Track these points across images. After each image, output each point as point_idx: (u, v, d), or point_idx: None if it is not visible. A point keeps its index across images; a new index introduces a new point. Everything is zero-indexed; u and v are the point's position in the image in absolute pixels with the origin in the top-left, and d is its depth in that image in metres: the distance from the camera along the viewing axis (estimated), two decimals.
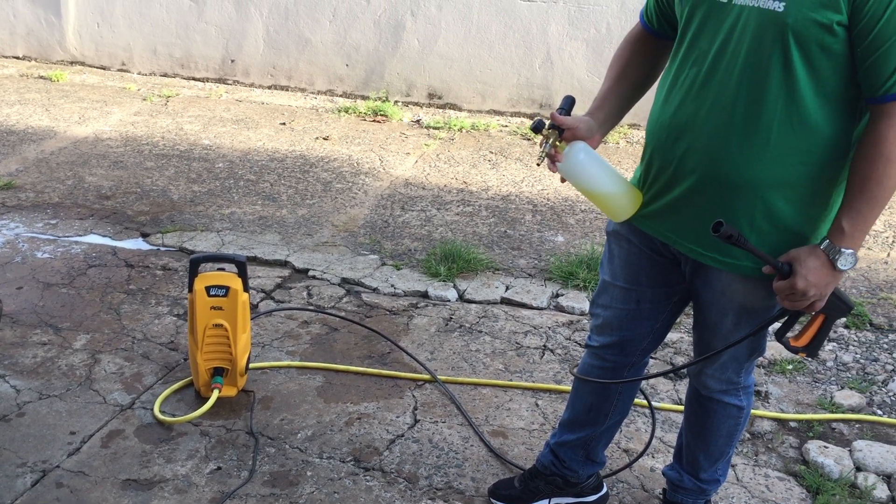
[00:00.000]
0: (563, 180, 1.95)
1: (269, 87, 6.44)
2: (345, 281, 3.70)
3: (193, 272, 2.77)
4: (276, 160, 5.04)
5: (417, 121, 5.84)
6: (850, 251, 1.68)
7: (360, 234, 4.16)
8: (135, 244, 3.96)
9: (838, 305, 1.80)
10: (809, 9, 1.58)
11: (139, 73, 6.68)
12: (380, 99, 6.14)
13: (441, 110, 6.07)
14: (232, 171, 4.86)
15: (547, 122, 1.89)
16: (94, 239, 3.98)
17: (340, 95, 6.34)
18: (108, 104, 5.91)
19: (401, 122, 5.81)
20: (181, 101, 6.04)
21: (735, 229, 1.71)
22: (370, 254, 3.96)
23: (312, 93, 6.38)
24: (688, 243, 1.88)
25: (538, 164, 1.90)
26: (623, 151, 5.41)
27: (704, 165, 1.77)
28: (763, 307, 1.89)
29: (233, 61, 6.49)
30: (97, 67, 6.75)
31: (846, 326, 3.44)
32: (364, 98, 6.23)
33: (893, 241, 4.25)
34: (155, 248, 3.94)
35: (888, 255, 4.10)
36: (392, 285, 3.67)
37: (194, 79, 6.57)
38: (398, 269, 3.81)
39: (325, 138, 5.45)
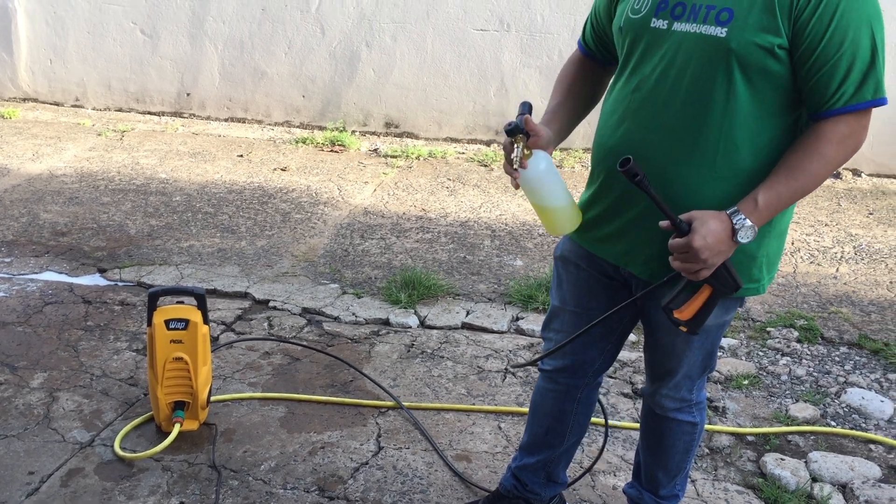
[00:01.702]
0: (516, 187, 1.94)
1: (226, 120, 6.44)
2: (306, 311, 3.70)
3: (152, 306, 2.76)
4: (234, 192, 5.03)
5: (375, 150, 5.88)
6: (752, 226, 1.69)
7: (320, 263, 4.17)
8: (92, 280, 3.93)
9: (727, 280, 1.77)
10: (751, 34, 1.63)
11: (93, 109, 6.64)
12: (337, 129, 6.18)
13: (398, 139, 6.12)
14: (190, 204, 4.84)
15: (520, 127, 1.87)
16: (50, 276, 3.93)
17: (297, 126, 6.36)
18: (62, 140, 5.86)
19: (358, 151, 5.85)
20: (137, 136, 6.02)
21: (641, 170, 1.69)
22: (331, 283, 3.96)
23: (269, 124, 6.39)
24: (640, 265, 1.91)
25: (516, 169, 1.85)
26: (579, 175, 5.50)
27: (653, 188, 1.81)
28: (713, 325, 1.93)
29: (188, 95, 6.48)
30: (50, 104, 6.70)
31: (798, 341, 3.53)
32: (321, 128, 6.26)
33: (841, 257, 4.37)
34: (112, 283, 3.90)
35: (837, 270, 4.22)
36: (353, 313, 3.67)
37: (150, 113, 6.55)
38: (359, 298, 3.82)
39: (283, 169, 5.46)
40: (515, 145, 1.84)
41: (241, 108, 6.43)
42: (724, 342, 3.49)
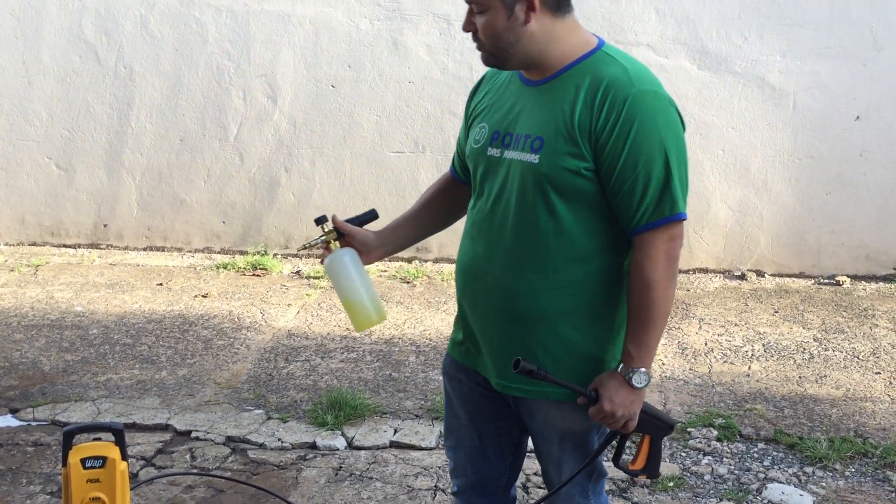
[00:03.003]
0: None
1: (145, 249, 6.41)
2: (230, 439, 3.62)
3: (67, 445, 2.66)
4: (153, 321, 4.97)
5: (297, 272, 5.91)
6: (643, 369, 1.85)
7: (244, 389, 4.11)
8: (3, 421, 3.78)
9: (656, 424, 1.95)
10: (559, 159, 1.82)
11: (6, 244, 6.52)
12: (258, 253, 6.20)
13: (320, 260, 6.18)
14: (107, 336, 4.75)
15: (328, 221, 2.10)
16: None
17: (218, 252, 6.36)
18: None
19: (281, 274, 5.87)
20: (51, 269, 5.92)
21: (534, 364, 1.85)
22: (255, 409, 3.91)
23: (190, 251, 6.38)
24: (496, 378, 2.00)
25: (298, 251, 2.18)
26: None
27: (496, 302, 1.94)
28: (583, 429, 2.00)
29: (105, 226, 6.44)
30: None
31: (718, 440, 3.62)
32: (243, 253, 6.27)
33: (752, 355, 4.54)
34: (25, 423, 3.77)
35: (749, 367, 4.38)
36: (279, 439, 3.62)
37: (65, 245, 6.46)
38: (284, 422, 3.77)
39: (204, 296, 5.43)
40: (321, 234, 2.07)
41: (160, 237, 6.42)
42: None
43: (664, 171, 1.80)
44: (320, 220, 2.08)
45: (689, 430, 3.69)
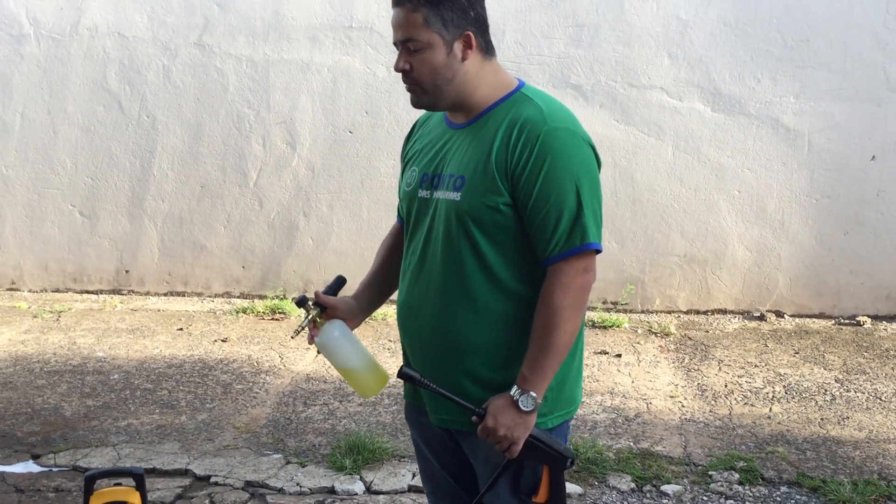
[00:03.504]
0: (318, 353, 2.13)
1: (166, 294, 6.48)
2: (248, 484, 3.63)
3: (88, 490, 2.69)
4: (173, 366, 5.00)
5: None
6: (533, 394, 1.88)
7: (263, 433, 4.12)
8: (24, 467, 3.80)
9: (548, 453, 1.94)
10: (479, 195, 1.89)
11: (29, 291, 6.61)
12: (277, 297, 6.25)
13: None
14: (128, 381, 4.78)
15: (310, 299, 2.11)
16: None
17: (238, 297, 6.42)
18: None
19: (299, 318, 5.90)
20: (74, 315, 5.99)
21: (416, 371, 1.94)
22: (274, 453, 3.91)
23: (209, 296, 6.44)
24: (437, 414, 2.04)
25: (292, 338, 2.16)
26: None
27: (430, 337, 2.00)
28: (504, 458, 1.99)
29: (127, 272, 6.53)
30: None
31: (740, 483, 3.58)
32: (262, 297, 6.33)
33: (773, 397, 4.51)
34: (46, 469, 3.79)
35: (770, 409, 4.34)
36: (297, 483, 3.62)
37: (87, 292, 6.55)
38: (303, 466, 3.77)
39: (223, 340, 5.47)
40: (305, 316, 2.08)
41: (180, 282, 6.49)
42: (669, 489, 3.53)
43: (576, 204, 1.87)
44: (301, 303, 2.09)
45: (710, 473, 3.65)
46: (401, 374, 1.95)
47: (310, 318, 2.09)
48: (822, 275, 5.85)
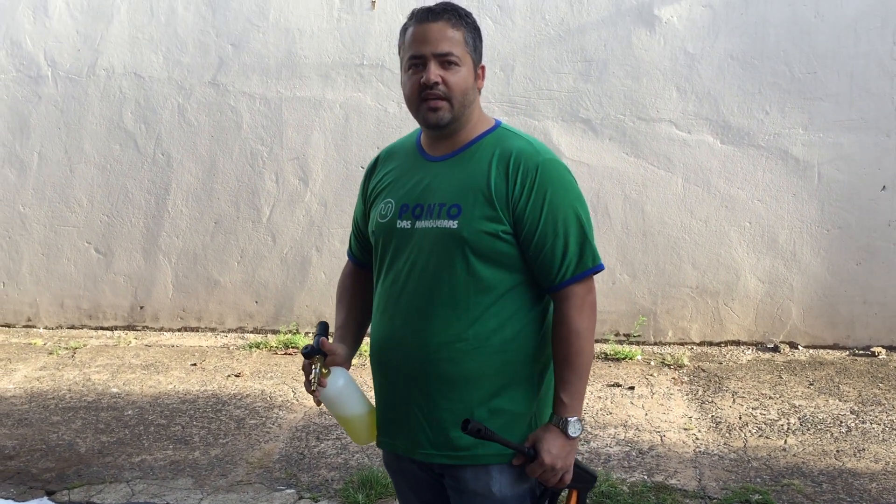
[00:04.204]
0: (318, 404, 2.05)
1: (179, 330, 6.51)
2: None
3: None
4: (187, 402, 5.02)
5: None
6: (575, 418, 1.92)
7: (276, 469, 4.12)
8: None
9: (583, 476, 1.97)
10: (478, 223, 1.91)
11: (45, 328, 6.67)
12: (290, 332, 6.28)
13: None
14: (142, 417, 4.80)
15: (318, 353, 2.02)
16: None
17: (251, 332, 6.45)
18: (12, 361, 5.84)
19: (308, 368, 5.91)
20: (89, 352, 6.03)
21: (482, 423, 1.88)
22: (287, 488, 3.91)
23: (223, 331, 6.48)
24: (422, 449, 1.99)
25: (314, 391, 1.99)
26: None
27: (423, 368, 1.96)
28: (515, 494, 1.97)
29: (142, 308, 6.58)
30: (1, 326, 6.72)
31: None
32: (275, 332, 6.35)
33: (788, 429, 4.47)
34: None
35: (785, 441, 4.31)
36: None
37: (102, 328, 6.60)
38: (316, 501, 3.76)
39: (236, 375, 5.49)
40: (313, 367, 2.01)
41: (194, 318, 6.53)
42: None
43: (579, 228, 1.94)
44: (311, 353, 1.99)
45: None
46: (469, 428, 1.84)
47: (320, 369, 2.01)
48: (835, 305, 5.83)
